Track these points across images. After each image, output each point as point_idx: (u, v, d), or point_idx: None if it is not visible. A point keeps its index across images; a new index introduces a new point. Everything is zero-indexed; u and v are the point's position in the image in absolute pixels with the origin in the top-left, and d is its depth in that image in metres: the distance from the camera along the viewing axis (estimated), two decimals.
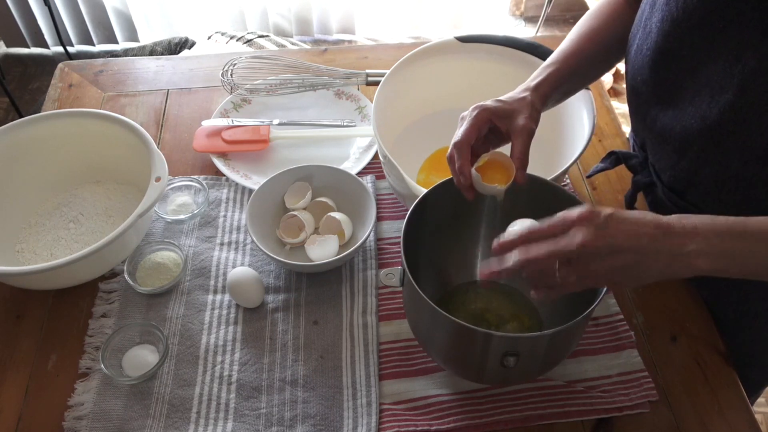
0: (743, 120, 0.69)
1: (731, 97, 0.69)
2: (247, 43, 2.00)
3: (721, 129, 0.71)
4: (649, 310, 0.91)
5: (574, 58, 0.84)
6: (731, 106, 0.70)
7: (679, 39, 0.73)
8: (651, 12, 0.77)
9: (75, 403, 0.82)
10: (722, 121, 0.71)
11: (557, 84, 0.82)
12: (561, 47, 0.86)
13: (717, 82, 0.71)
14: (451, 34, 1.04)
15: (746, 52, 0.67)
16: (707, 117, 0.73)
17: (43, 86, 2.54)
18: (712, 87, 0.71)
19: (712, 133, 0.73)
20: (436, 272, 0.86)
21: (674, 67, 0.76)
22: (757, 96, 0.67)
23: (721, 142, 0.73)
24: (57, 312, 0.91)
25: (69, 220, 1.00)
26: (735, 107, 0.69)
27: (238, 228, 1.00)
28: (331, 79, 1.19)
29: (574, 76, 0.85)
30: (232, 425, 0.81)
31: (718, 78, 0.70)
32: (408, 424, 0.79)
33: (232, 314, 0.91)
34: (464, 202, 0.82)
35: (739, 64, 0.68)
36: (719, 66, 0.70)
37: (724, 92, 0.70)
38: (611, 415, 0.80)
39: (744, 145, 0.71)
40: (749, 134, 0.70)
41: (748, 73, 0.67)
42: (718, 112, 0.71)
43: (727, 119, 0.71)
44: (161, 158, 0.93)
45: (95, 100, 1.21)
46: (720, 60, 0.70)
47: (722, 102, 0.71)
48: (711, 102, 0.72)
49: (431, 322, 0.73)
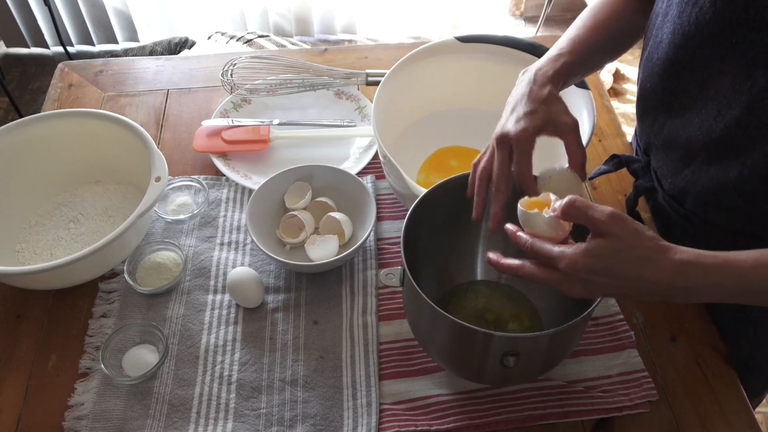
0: (748, 137, 0.69)
1: (738, 113, 0.69)
2: (247, 43, 2.00)
3: (726, 143, 0.71)
4: (649, 310, 0.91)
5: (584, 47, 0.80)
6: (737, 122, 0.69)
7: (690, 52, 0.72)
8: (663, 22, 0.76)
9: (75, 403, 0.82)
10: (727, 135, 0.71)
11: (570, 74, 0.79)
12: (570, 35, 0.82)
13: (725, 96, 0.70)
14: (451, 34, 1.04)
15: (757, 71, 0.66)
16: (713, 130, 0.72)
17: (43, 86, 2.54)
18: (720, 101, 0.71)
19: (716, 147, 0.72)
20: (436, 272, 0.86)
21: (683, 79, 0.75)
22: (764, 115, 0.66)
23: (725, 156, 0.72)
24: (57, 312, 0.91)
25: (69, 220, 1.00)
26: (741, 124, 0.69)
27: (238, 228, 1.00)
28: (331, 79, 1.19)
29: (584, 66, 0.82)
30: (232, 425, 0.81)
31: (726, 93, 0.70)
32: (408, 424, 0.79)
33: (232, 314, 0.91)
34: (465, 201, 0.82)
35: (749, 81, 0.67)
36: (728, 81, 0.69)
37: (732, 108, 0.69)
38: (611, 415, 0.80)
39: (746, 161, 0.70)
40: (753, 152, 0.69)
41: (757, 92, 0.66)
42: (723, 126, 0.71)
43: (732, 134, 0.70)
44: (161, 158, 0.93)
45: (95, 100, 1.21)
46: (729, 76, 0.69)
47: (728, 117, 0.70)
48: (717, 116, 0.71)
49: (431, 322, 0.73)
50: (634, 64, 2.59)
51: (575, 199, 0.61)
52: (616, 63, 2.55)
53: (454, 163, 1.05)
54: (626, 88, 2.55)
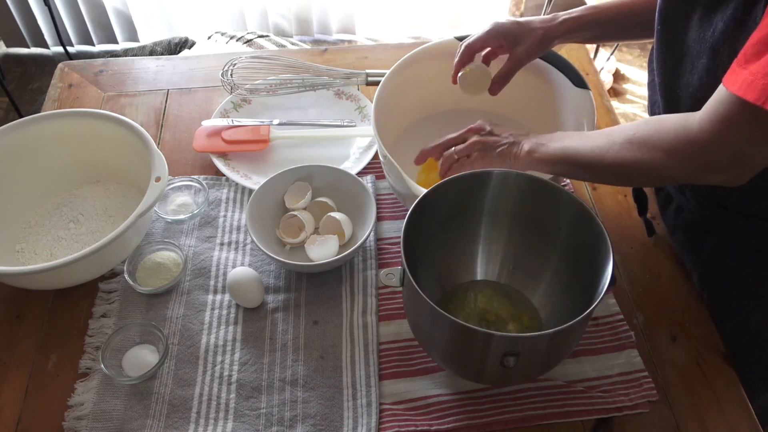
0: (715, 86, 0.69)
1: (705, 61, 0.71)
2: (247, 43, 2.00)
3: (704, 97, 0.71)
4: (649, 310, 0.91)
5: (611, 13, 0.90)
6: (707, 71, 0.71)
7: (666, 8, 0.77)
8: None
9: (75, 403, 0.82)
10: (701, 87, 0.73)
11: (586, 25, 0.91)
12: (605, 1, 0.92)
13: (694, 47, 0.73)
14: (451, 34, 1.04)
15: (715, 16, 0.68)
16: (690, 84, 0.75)
17: (43, 86, 2.54)
18: (692, 54, 0.73)
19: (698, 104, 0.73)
20: (436, 272, 0.86)
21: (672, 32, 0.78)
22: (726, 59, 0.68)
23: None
24: (57, 312, 0.91)
25: (69, 220, 1.00)
26: (710, 72, 0.71)
27: (238, 228, 1.00)
28: (331, 79, 1.19)
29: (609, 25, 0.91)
30: (232, 425, 0.81)
31: (694, 44, 0.73)
32: (408, 424, 0.79)
33: (232, 314, 0.91)
34: (464, 202, 0.82)
35: (711, 28, 0.69)
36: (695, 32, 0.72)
37: (700, 57, 0.72)
38: (611, 415, 0.80)
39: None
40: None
41: (718, 36, 0.69)
42: (698, 78, 0.73)
43: (705, 85, 0.72)
44: (161, 158, 0.93)
45: (95, 100, 1.21)
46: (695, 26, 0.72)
47: (699, 67, 0.72)
48: (692, 69, 0.74)
49: (431, 322, 0.73)
50: (634, 64, 2.59)
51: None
52: (616, 63, 2.54)
53: None
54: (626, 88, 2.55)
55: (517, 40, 0.91)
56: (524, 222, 0.84)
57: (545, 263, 0.85)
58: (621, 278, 0.95)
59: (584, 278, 0.76)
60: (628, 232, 0.99)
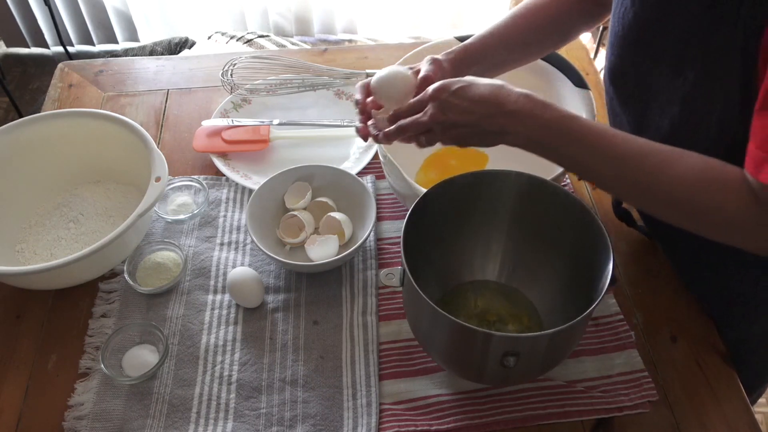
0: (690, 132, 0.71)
1: (677, 108, 0.71)
2: (247, 43, 2.00)
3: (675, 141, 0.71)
4: (649, 310, 0.91)
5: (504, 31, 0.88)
6: (679, 118, 0.71)
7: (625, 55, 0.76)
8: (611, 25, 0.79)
9: (75, 403, 0.82)
10: (672, 132, 0.73)
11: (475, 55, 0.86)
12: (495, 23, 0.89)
13: (664, 94, 0.72)
14: (451, 34, 1.04)
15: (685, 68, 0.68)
16: (661, 128, 0.74)
17: (43, 86, 2.54)
18: (661, 100, 0.73)
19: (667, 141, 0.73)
20: (436, 272, 0.86)
21: (627, 81, 0.78)
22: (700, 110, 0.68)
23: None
24: (57, 312, 0.91)
25: (69, 220, 1.00)
26: (683, 119, 0.71)
27: (238, 228, 1.00)
28: (331, 79, 1.19)
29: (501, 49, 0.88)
30: (232, 425, 0.81)
31: (664, 91, 0.72)
32: (408, 424, 0.79)
33: (232, 314, 0.91)
34: (464, 201, 0.82)
35: (680, 78, 0.69)
36: (664, 80, 0.71)
37: (672, 104, 0.72)
38: (611, 415, 0.80)
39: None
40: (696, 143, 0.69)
41: (689, 88, 0.68)
42: (668, 123, 0.73)
43: (677, 130, 0.72)
44: (161, 158, 0.93)
45: (95, 100, 1.21)
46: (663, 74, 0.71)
47: (670, 114, 0.72)
48: (662, 114, 0.74)
49: (431, 322, 0.73)
50: None
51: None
52: None
53: (453, 163, 1.05)
54: None
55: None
56: (524, 222, 0.84)
57: (545, 263, 0.85)
58: (621, 278, 0.95)
59: (584, 278, 0.76)
60: (628, 232, 0.99)
